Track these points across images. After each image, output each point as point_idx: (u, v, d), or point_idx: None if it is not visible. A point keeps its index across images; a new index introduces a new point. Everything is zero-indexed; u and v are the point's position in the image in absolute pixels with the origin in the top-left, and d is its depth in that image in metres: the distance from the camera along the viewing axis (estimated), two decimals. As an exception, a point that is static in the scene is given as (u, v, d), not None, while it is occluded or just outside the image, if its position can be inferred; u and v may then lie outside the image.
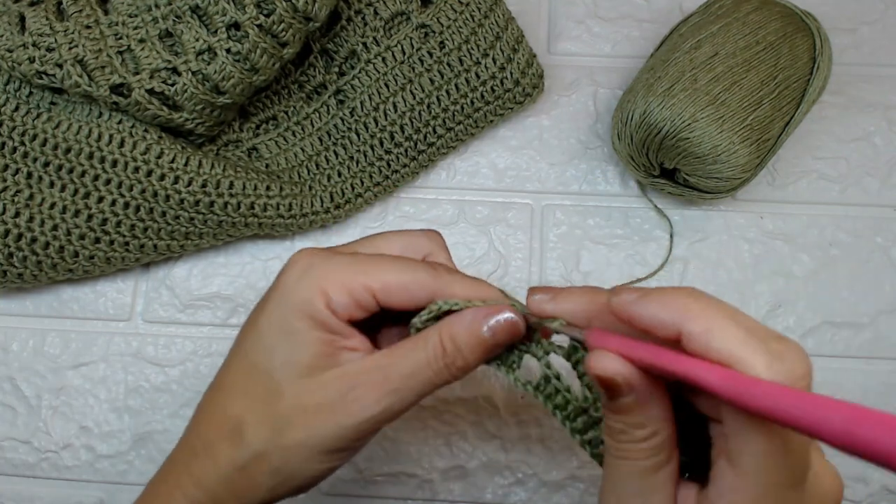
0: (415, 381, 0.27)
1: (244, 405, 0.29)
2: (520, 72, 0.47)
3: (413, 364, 0.27)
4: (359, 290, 0.27)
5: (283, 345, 0.28)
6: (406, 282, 0.28)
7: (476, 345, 0.27)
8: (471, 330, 0.27)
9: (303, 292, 0.28)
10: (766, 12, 0.44)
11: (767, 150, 0.44)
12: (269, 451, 0.28)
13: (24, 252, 0.44)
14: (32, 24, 0.42)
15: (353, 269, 0.28)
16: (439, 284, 0.28)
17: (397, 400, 0.27)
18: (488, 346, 0.28)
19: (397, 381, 0.27)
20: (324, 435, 0.27)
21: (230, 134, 0.48)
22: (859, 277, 0.48)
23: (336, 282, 0.27)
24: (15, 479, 0.46)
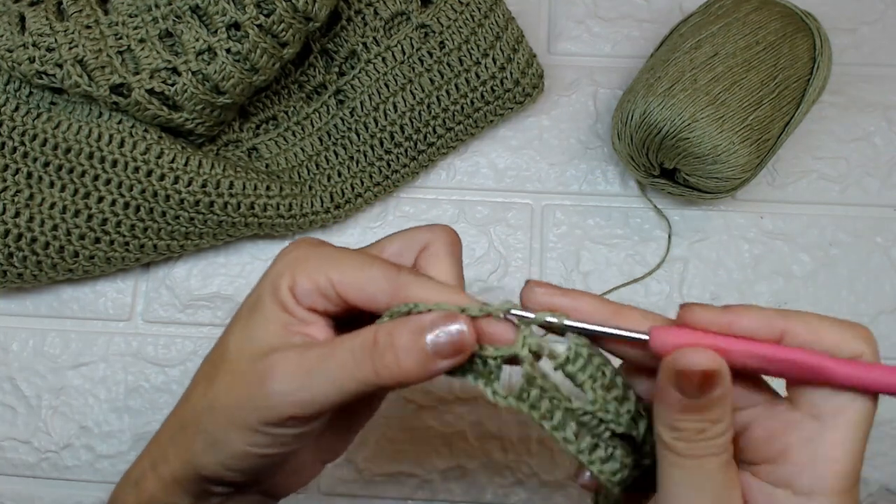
0: (332, 364, 0.25)
1: (203, 367, 0.29)
2: (520, 72, 0.47)
3: (335, 348, 0.26)
4: (322, 281, 0.27)
5: (247, 315, 0.28)
6: (362, 278, 0.26)
7: (413, 350, 0.25)
8: (412, 332, 0.25)
9: (277, 271, 0.27)
10: (766, 12, 0.44)
11: (767, 150, 0.44)
12: (200, 409, 0.27)
13: (24, 252, 0.44)
14: (32, 24, 0.42)
15: (324, 261, 0.27)
16: (396, 286, 0.26)
17: (310, 383, 0.25)
18: (426, 356, 0.25)
19: (314, 362, 0.25)
20: (242, 404, 0.26)
21: (230, 134, 0.48)
22: (859, 277, 0.48)
23: (306, 269, 0.27)
24: (15, 479, 0.46)
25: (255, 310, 0.28)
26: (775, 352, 0.24)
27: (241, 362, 0.27)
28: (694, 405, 0.24)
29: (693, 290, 0.48)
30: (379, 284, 0.26)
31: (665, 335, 0.25)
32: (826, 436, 0.24)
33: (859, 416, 0.24)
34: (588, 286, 0.48)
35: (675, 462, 0.24)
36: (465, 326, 0.25)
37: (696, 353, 0.23)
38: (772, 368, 0.24)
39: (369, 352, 0.25)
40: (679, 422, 0.24)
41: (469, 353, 0.25)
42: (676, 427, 0.24)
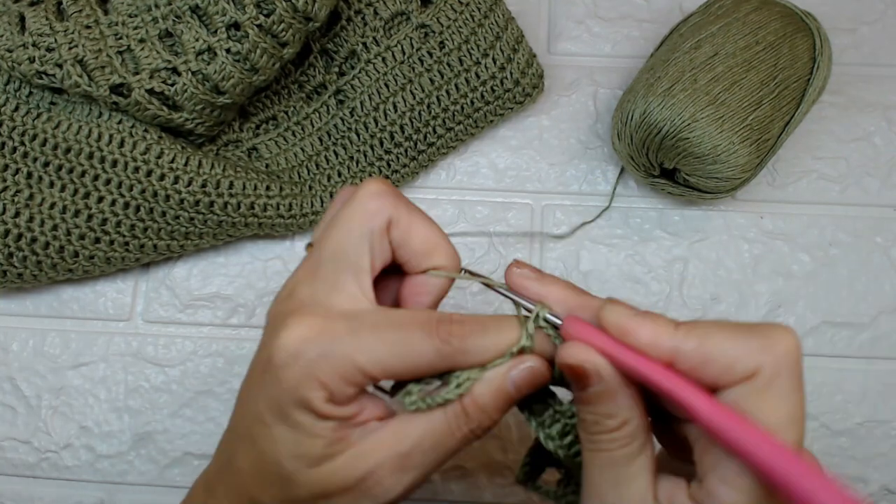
0: (436, 453, 0.26)
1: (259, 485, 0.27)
2: (520, 72, 0.47)
3: (433, 438, 0.26)
4: (356, 377, 0.25)
5: (289, 437, 0.25)
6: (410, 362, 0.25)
7: (503, 402, 0.26)
8: (495, 389, 0.26)
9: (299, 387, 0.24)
10: (766, 12, 0.44)
11: (767, 150, 0.44)
12: None
13: (24, 252, 0.44)
14: (32, 24, 0.42)
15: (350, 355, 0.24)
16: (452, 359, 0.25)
17: (420, 475, 0.26)
18: (512, 399, 0.26)
19: (418, 458, 0.25)
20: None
21: (230, 134, 0.48)
22: (859, 277, 0.48)
23: (333, 373, 0.24)
24: (15, 479, 0.46)
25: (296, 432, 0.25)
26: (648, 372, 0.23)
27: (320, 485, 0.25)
28: (582, 397, 0.25)
29: (693, 290, 0.48)
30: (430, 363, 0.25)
31: (571, 325, 0.25)
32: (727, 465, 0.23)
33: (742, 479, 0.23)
34: (588, 286, 0.48)
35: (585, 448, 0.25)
36: (535, 362, 0.26)
37: (572, 348, 0.24)
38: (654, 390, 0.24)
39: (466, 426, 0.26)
40: (580, 412, 0.25)
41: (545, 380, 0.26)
42: (580, 417, 0.25)
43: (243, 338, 0.48)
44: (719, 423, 0.21)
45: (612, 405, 0.24)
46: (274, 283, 0.48)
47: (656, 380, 0.23)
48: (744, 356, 0.22)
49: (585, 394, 0.24)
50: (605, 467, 0.25)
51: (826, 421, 0.46)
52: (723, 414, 0.22)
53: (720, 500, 0.23)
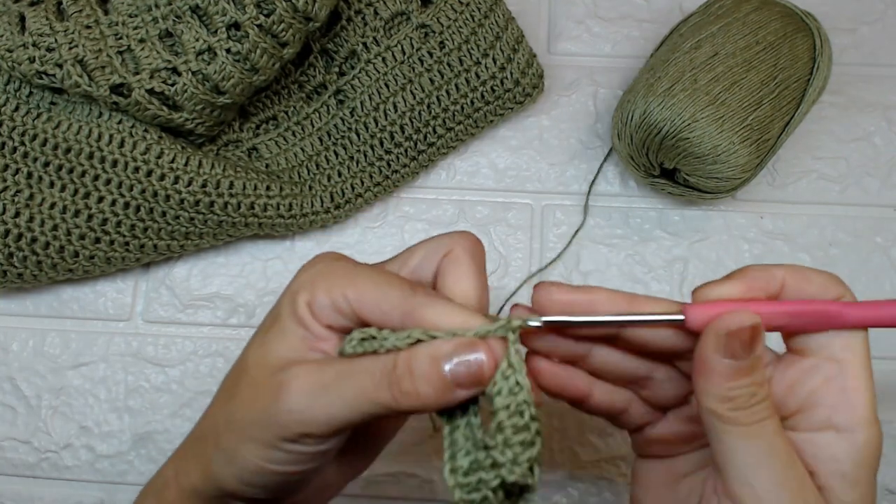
0: (349, 384, 0.25)
1: (224, 381, 0.29)
2: (520, 72, 0.47)
3: (353, 369, 0.25)
4: (339, 298, 0.26)
5: (266, 329, 0.28)
6: (379, 298, 0.26)
7: (433, 378, 0.25)
8: (431, 359, 0.25)
9: (296, 286, 0.27)
10: (766, 12, 0.44)
11: (767, 150, 0.44)
12: (220, 422, 0.28)
13: (24, 252, 0.44)
14: (32, 24, 0.42)
15: (342, 277, 0.27)
16: (411, 306, 0.26)
17: (326, 402, 0.25)
18: (445, 385, 0.25)
19: (330, 379, 0.25)
20: (257, 419, 0.26)
21: (230, 134, 0.48)
22: (859, 277, 0.48)
23: (323, 283, 0.27)
24: (15, 479, 0.46)
25: (274, 324, 0.28)
26: (798, 307, 0.26)
27: (259, 376, 0.27)
28: (743, 368, 0.25)
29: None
30: (393, 303, 0.26)
31: (699, 311, 0.26)
32: (846, 371, 0.26)
33: (864, 348, 0.27)
34: (588, 286, 0.48)
35: (737, 433, 0.25)
36: (484, 356, 0.25)
37: (739, 314, 0.25)
38: (795, 323, 0.26)
39: (388, 376, 0.25)
40: (732, 390, 0.25)
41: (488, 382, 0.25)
42: (730, 397, 0.25)
43: (243, 338, 0.48)
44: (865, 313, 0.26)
45: (764, 370, 0.25)
46: (274, 283, 0.48)
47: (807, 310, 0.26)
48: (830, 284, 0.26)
49: (745, 363, 0.25)
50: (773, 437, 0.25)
51: (826, 421, 0.46)
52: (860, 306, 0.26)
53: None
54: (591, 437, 0.46)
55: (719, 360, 0.25)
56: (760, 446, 0.25)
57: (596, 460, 0.46)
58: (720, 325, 0.25)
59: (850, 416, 0.25)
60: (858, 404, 0.25)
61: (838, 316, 0.26)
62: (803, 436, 0.26)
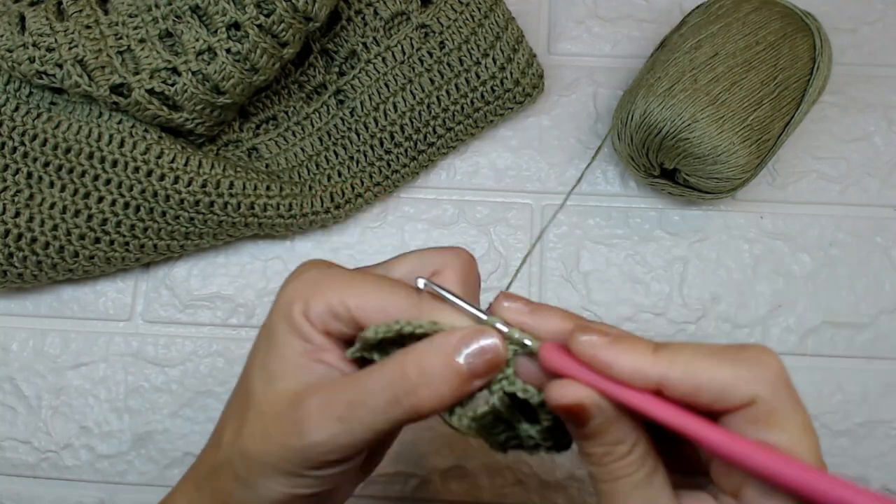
0: (364, 410, 0.24)
1: (229, 410, 0.28)
2: (520, 72, 0.47)
3: (363, 391, 0.24)
4: (336, 304, 0.25)
5: (263, 347, 0.27)
6: (384, 303, 0.25)
7: (449, 377, 0.24)
8: (443, 356, 0.24)
9: (288, 298, 0.26)
10: (767, 12, 0.44)
11: (767, 150, 0.44)
12: (234, 457, 0.26)
13: (24, 252, 0.44)
14: (32, 24, 0.42)
15: (337, 282, 0.26)
16: (419, 312, 0.25)
17: (344, 430, 0.24)
18: (463, 379, 0.24)
19: (342, 409, 0.24)
20: (274, 451, 0.25)
21: (230, 134, 0.48)
22: (859, 277, 0.48)
23: (318, 290, 0.25)
24: (15, 479, 0.46)
25: (270, 343, 0.26)
26: (647, 406, 0.22)
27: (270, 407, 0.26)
28: (584, 433, 0.23)
29: (693, 290, 0.48)
30: (401, 310, 0.25)
31: (550, 356, 0.24)
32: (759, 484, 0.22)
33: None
34: (588, 286, 0.48)
35: (598, 487, 0.24)
36: (496, 340, 0.24)
37: (563, 387, 0.23)
38: (654, 422, 0.23)
39: (402, 388, 0.24)
40: (585, 447, 0.24)
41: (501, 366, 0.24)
42: (586, 453, 0.24)
43: (243, 338, 0.48)
44: (740, 454, 0.21)
45: (617, 432, 0.23)
46: (274, 283, 0.48)
47: (658, 414, 0.22)
48: (737, 385, 0.22)
49: (587, 429, 0.23)
50: (629, 494, 0.24)
51: (826, 421, 0.46)
52: (741, 444, 0.21)
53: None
54: (591, 437, 0.46)
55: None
56: (617, 499, 0.24)
57: (596, 460, 0.46)
58: (551, 392, 0.23)
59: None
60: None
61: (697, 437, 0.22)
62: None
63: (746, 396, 0.22)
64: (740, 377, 0.22)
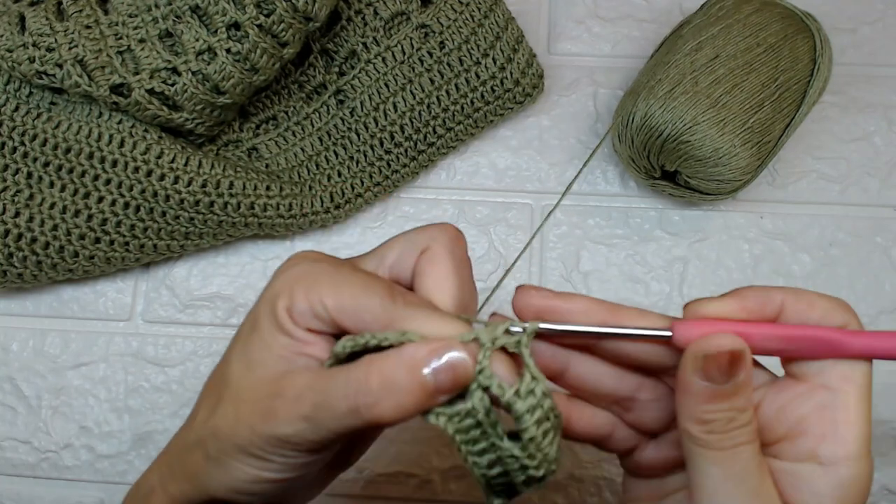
0: (326, 414, 0.24)
1: (206, 391, 0.29)
2: (520, 72, 0.47)
3: (327, 394, 0.24)
4: (316, 302, 0.25)
5: (246, 337, 0.27)
6: (358, 307, 0.25)
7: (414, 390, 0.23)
8: (408, 369, 0.23)
9: (274, 291, 0.26)
10: (767, 14, 0.44)
11: (768, 151, 0.44)
12: (205, 435, 0.27)
13: (24, 252, 0.44)
14: (32, 24, 0.42)
15: (320, 280, 0.25)
16: (392, 317, 0.24)
17: (307, 429, 0.24)
18: (427, 393, 0.24)
19: (308, 408, 0.24)
20: (242, 433, 0.25)
21: (230, 134, 0.48)
22: (859, 277, 0.48)
23: (302, 288, 0.25)
24: (15, 479, 0.46)
25: (253, 332, 0.26)
26: (794, 332, 0.25)
27: (245, 392, 0.26)
28: (721, 392, 0.24)
29: (693, 290, 0.48)
30: (374, 314, 0.25)
31: (687, 328, 0.25)
32: (840, 401, 0.24)
33: (865, 379, 0.25)
34: (588, 286, 0.48)
35: (708, 456, 0.24)
36: (464, 354, 0.24)
37: (720, 337, 0.24)
38: (790, 348, 0.25)
39: (363, 398, 0.24)
40: (708, 413, 0.24)
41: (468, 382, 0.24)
42: (705, 419, 0.24)
43: (243, 338, 0.48)
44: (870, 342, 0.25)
45: (749, 394, 0.24)
46: (274, 283, 0.48)
47: (803, 335, 0.25)
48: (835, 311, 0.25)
49: (727, 387, 0.24)
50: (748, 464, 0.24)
51: (826, 421, 0.46)
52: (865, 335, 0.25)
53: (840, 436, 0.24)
54: (591, 437, 0.46)
55: (697, 381, 0.24)
56: (731, 472, 0.24)
57: (596, 460, 0.46)
58: (698, 347, 0.24)
59: (837, 449, 0.24)
60: (848, 438, 0.24)
61: (838, 344, 0.24)
62: (786, 465, 0.25)
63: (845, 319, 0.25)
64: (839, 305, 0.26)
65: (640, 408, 0.28)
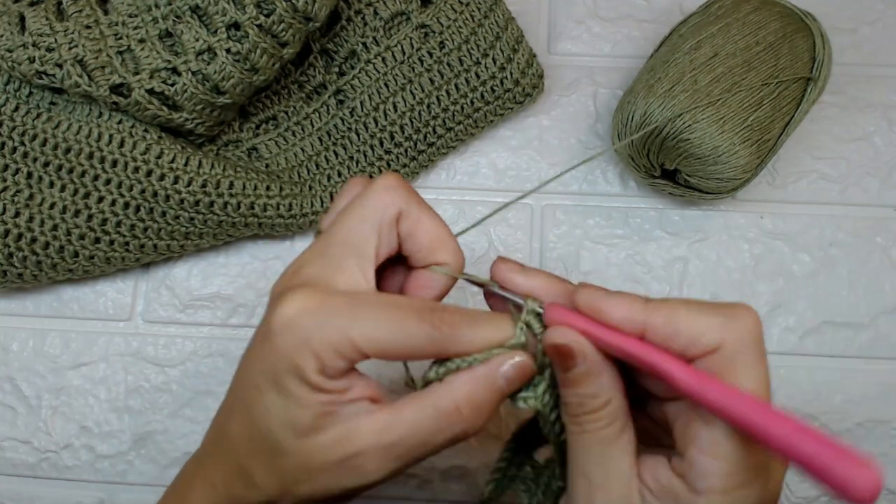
0: (423, 449, 0.26)
1: (249, 453, 0.28)
2: (520, 72, 0.47)
3: (420, 435, 0.26)
4: (350, 351, 0.25)
5: (280, 404, 0.26)
6: (400, 343, 0.26)
7: (496, 398, 0.27)
8: (488, 385, 0.26)
9: (293, 354, 0.25)
10: (766, 12, 0.44)
11: (768, 150, 0.44)
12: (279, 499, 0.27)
13: (24, 252, 0.44)
14: (32, 24, 0.42)
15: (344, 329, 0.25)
16: (441, 345, 0.26)
17: (403, 465, 0.26)
18: (503, 394, 0.27)
19: (401, 450, 0.26)
20: (330, 490, 0.27)
21: (230, 134, 0.48)
22: (859, 277, 0.48)
23: (327, 344, 0.25)
24: (15, 479, 0.46)
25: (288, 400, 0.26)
26: (627, 346, 0.25)
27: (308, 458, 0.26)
28: (568, 379, 0.26)
29: (693, 290, 0.48)
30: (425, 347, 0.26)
31: (552, 311, 0.27)
32: (705, 435, 0.24)
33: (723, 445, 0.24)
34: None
35: (570, 431, 0.26)
36: (525, 357, 0.27)
37: (556, 331, 0.26)
38: (634, 363, 0.25)
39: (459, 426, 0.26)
40: (564, 395, 0.26)
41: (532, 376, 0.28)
42: (564, 401, 0.26)
43: (243, 338, 0.48)
44: (695, 384, 0.23)
45: (595, 385, 0.26)
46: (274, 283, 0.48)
47: (634, 351, 0.25)
48: (707, 331, 0.24)
49: (571, 375, 0.26)
50: (591, 447, 0.26)
51: (826, 421, 0.46)
52: (697, 375, 0.23)
53: (702, 468, 0.24)
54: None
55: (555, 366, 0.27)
56: (584, 447, 0.26)
57: (596, 460, 0.46)
58: (546, 336, 0.26)
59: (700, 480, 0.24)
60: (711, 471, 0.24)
61: (666, 375, 0.24)
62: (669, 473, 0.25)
63: (714, 342, 0.24)
64: (712, 325, 0.24)
65: None
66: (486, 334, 0.27)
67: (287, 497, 0.27)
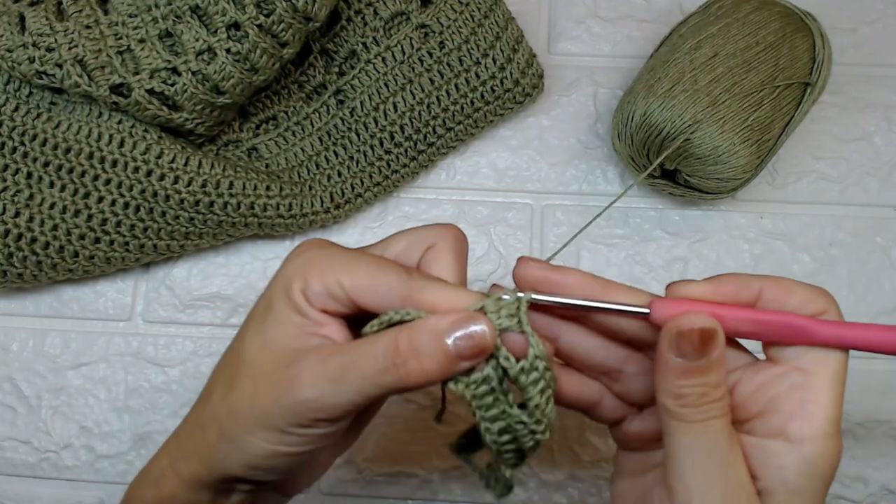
0: (355, 373, 0.26)
1: (219, 370, 0.30)
2: (520, 72, 0.47)
3: (357, 356, 0.26)
4: (332, 283, 0.27)
5: (260, 319, 0.28)
6: (375, 283, 0.26)
7: (437, 354, 0.25)
8: (433, 335, 0.26)
9: (288, 275, 0.27)
10: (766, 12, 0.44)
11: (768, 150, 0.44)
12: (221, 413, 0.28)
13: (24, 252, 0.44)
14: (32, 24, 0.42)
15: (334, 264, 0.27)
16: (409, 290, 0.26)
17: (333, 391, 0.26)
18: (449, 359, 0.26)
19: (335, 370, 0.26)
20: (263, 407, 0.26)
21: (230, 134, 0.48)
22: (859, 277, 0.48)
23: (316, 270, 0.27)
24: (15, 479, 0.46)
25: (268, 314, 0.28)
26: (766, 317, 0.26)
27: (262, 367, 0.27)
28: (694, 368, 0.25)
29: (693, 290, 0.48)
30: (392, 289, 0.26)
31: (664, 306, 0.26)
32: (812, 383, 0.26)
33: (839, 364, 0.26)
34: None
35: (682, 429, 0.26)
36: (486, 326, 0.26)
37: (693, 316, 0.25)
38: (762, 332, 0.26)
39: (392, 358, 0.26)
40: (682, 388, 0.25)
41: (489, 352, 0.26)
42: (679, 394, 0.25)
43: (243, 338, 0.48)
44: (836, 329, 0.25)
45: (721, 372, 0.25)
46: (274, 283, 0.49)
47: (770, 319, 0.26)
48: (813, 299, 0.26)
49: (700, 363, 0.25)
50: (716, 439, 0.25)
51: (826, 421, 0.46)
52: (833, 323, 0.26)
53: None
54: (592, 437, 0.46)
55: (672, 357, 0.25)
56: (700, 445, 0.25)
57: (596, 460, 0.46)
58: (673, 325, 0.25)
59: (804, 427, 0.25)
60: (816, 418, 0.25)
61: (808, 331, 0.26)
62: (756, 440, 0.26)
63: (822, 306, 0.26)
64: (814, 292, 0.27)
65: (626, 380, 0.30)
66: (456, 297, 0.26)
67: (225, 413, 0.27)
